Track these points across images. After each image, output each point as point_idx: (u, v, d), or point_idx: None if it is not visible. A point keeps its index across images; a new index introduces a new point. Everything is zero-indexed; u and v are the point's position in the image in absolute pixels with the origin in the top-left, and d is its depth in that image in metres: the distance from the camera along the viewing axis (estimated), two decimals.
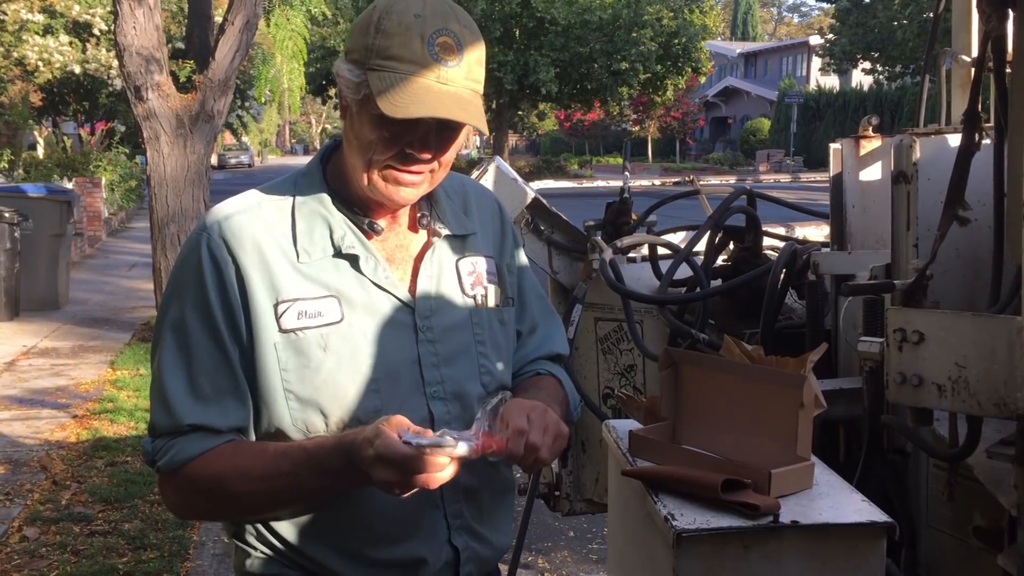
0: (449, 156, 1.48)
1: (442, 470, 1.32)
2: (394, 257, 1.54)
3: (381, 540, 1.49)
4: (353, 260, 1.49)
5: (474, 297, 1.58)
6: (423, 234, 1.58)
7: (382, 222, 1.53)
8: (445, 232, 1.57)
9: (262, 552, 1.54)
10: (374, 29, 1.41)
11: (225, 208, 1.51)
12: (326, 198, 1.51)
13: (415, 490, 1.34)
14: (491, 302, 1.60)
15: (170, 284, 1.51)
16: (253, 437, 1.49)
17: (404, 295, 1.51)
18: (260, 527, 1.53)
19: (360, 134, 1.44)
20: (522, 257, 1.73)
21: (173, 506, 1.55)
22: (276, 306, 1.44)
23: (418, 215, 1.57)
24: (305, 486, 1.42)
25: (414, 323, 1.51)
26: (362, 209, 1.51)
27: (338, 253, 1.49)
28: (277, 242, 1.47)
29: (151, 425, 1.49)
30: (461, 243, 1.60)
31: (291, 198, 1.51)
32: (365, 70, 1.41)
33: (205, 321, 1.45)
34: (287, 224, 1.49)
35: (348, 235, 1.49)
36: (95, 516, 4.65)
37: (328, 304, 1.46)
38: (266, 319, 1.44)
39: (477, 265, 1.60)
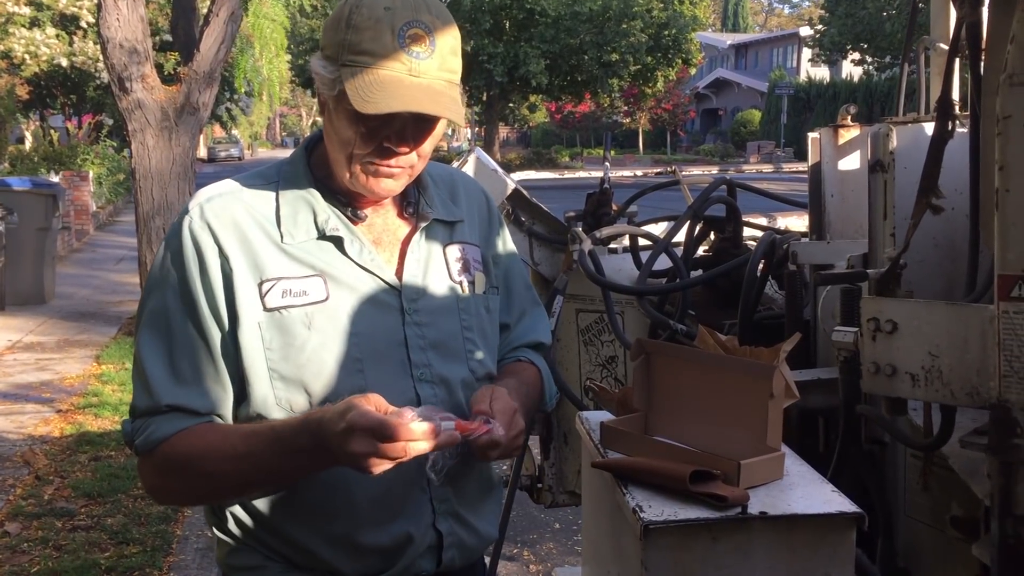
0: (428, 147, 1.49)
1: (417, 440, 1.31)
2: (381, 240, 1.55)
3: (367, 523, 1.48)
4: (337, 242, 1.50)
5: (461, 283, 1.59)
6: (411, 220, 1.58)
7: (365, 210, 1.53)
8: (433, 216, 1.58)
9: (244, 543, 1.53)
10: (345, 24, 1.41)
11: (207, 192, 1.52)
12: (310, 185, 1.52)
13: (389, 465, 1.33)
14: (478, 289, 1.61)
15: (153, 267, 1.51)
16: (230, 421, 1.49)
17: (390, 278, 1.52)
18: (243, 516, 1.52)
19: (338, 130, 1.45)
20: (510, 246, 1.74)
21: (149, 488, 1.55)
22: (260, 285, 1.45)
23: (403, 202, 1.58)
24: (273, 466, 1.41)
25: (401, 305, 1.51)
26: (346, 198, 1.52)
27: (322, 235, 1.49)
28: (259, 223, 1.48)
29: (131, 406, 1.49)
30: (449, 229, 1.61)
31: (274, 183, 1.52)
32: (338, 66, 1.41)
33: (186, 304, 1.45)
34: (271, 207, 1.50)
35: (332, 219, 1.50)
36: (78, 511, 4.63)
37: (313, 283, 1.46)
38: (250, 298, 1.44)
39: (464, 252, 1.61)
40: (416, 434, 1.31)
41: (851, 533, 1.30)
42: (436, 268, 1.57)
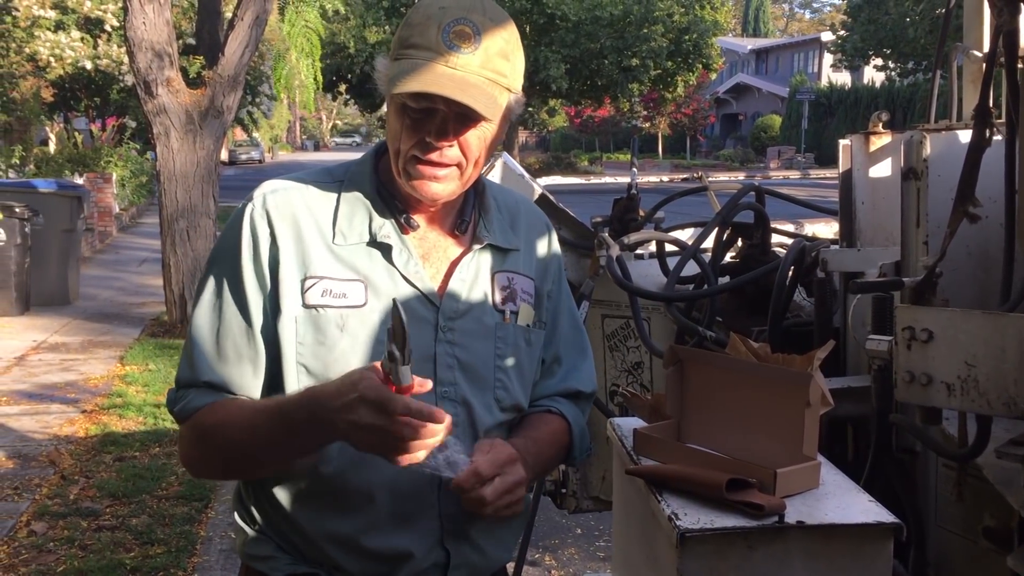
0: (475, 152, 1.48)
1: (431, 433, 1.31)
2: (430, 255, 1.56)
3: (375, 527, 1.50)
4: (386, 250, 1.52)
5: (504, 312, 1.58)
6: (466, 240, 1.59)
7: (420, 219, 1.55)
8: (488, 241, 1.58)
9: (260, 532, 1.57)
10: (404, 23, 1.47)
11: (275, 183, 1.57)
12: (372, 189, 1.55)
13: (392, 452, 1.32)
14: (521, 320, 1.60)
15: (214, 247, 1.58)
16: None
17: (431, 292, 1.53)
18: (263, 505, 1.56)
19: (390, 125, 1.49)
20: (564, 285, 1.73)
21: (182, 457, 1.61)
22: (303, 281, 1.48)
23: (459, 221, 1.59)
24: (274, 441, 1.44)
25: (436, 322, 1.52)
26: (404, 205, 1.54)
27: (373, 241, 1.51)
28: (316, 221, 1.51)
29: (176, 376, 1.56)
30: (502, 256, 1.61)
31: (339, 183, 1.56)
32: (392, 61, 1.46)
33: (236, 288, 1.50)
34: (331, 206, 1.53)
35: (386, 226, 1.52)
36: (103, 511, 4.66)
37: (354, 287, 1.49)
38: (292, 292, 1.48)
39: (513, 281, 1.61)
40: (428, 424, 1.30)
41: (889, 543, 1.29)
42: (480, 292, 1.57)
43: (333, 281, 1.49)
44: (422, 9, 1.45)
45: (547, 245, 1.69)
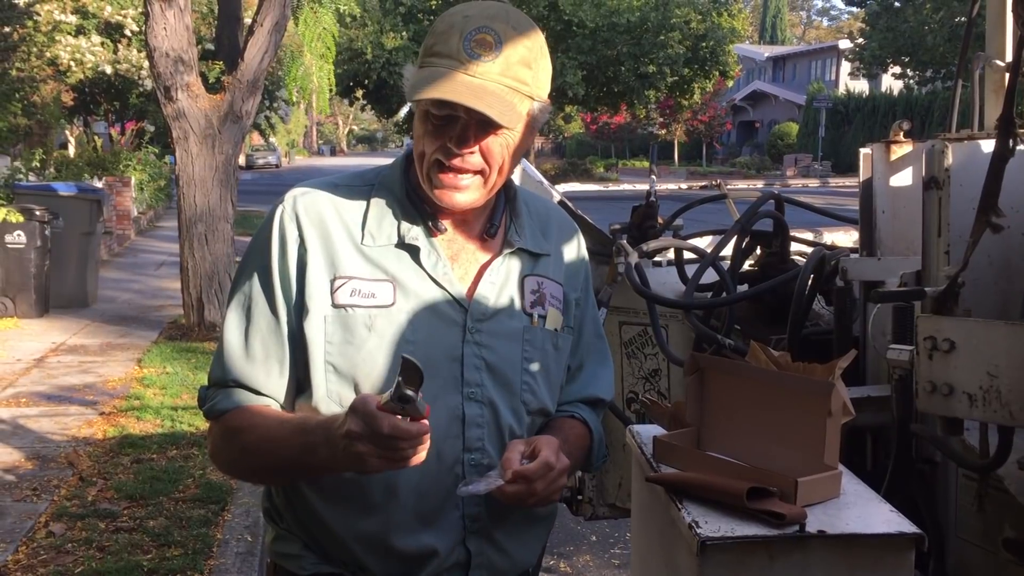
0: (498, 159, 1.50)
1: (415, 442, 1.33)
2: (458, 257, 1.57)
3: (398, 527, 1.51)
4: (414, 252, 1.53)
5: (532, 315, 1.59)
6: (496, 244, 1.60)
7: (448, 223, 1.56)
8: (518, 244, 1.60)
9: (287, 530, 1.60)
10: (430, 31, 1.49)
11: (304, 186, 1.59)
12: (402, 192, 1.57)
13: (378, 460, 1.34)
14: (549, 325, 1.61)
15: (247, 248, 1.61)
16: (282, 402, 1.56)
17: (459, 294, 1.54)
18: (289, 504, 1.58)
19: (416, 130, 1.51)
20: (591, 292, 1.75)
21: (210, 452, 1.65)
22: (332, 281, 1.51)
23: (488, 225, 1.60)
24: (291, 456, 1.47)
25: (464, 323, 1.53)
26: (432, 208, 1.55)
27: (401, 243, 1.53)
28: (345, 223, 1.54)
29: (208, 374, 1.59)
30: (532, 261, 1.62)
31: (371, 187, 1.58)
32: (417, 69, 1.48)
33: (265, 288, 1.53)
34: (361, 209, 1.55)
35: (415, 228, 1.54)
36: (121, 513, 4.68)
37: (383, 287, 1.51)
38: (321, 293, 1.50)
39: (543, 286, 1.62)
40: (401, 431, 1.31)
41: (910, 554, 1.29)
42: (510, 295, 1.58)
43: (362, 281, 1.51)
44: (447, 18, 1.47)
45: (576, 252, 1.71)
